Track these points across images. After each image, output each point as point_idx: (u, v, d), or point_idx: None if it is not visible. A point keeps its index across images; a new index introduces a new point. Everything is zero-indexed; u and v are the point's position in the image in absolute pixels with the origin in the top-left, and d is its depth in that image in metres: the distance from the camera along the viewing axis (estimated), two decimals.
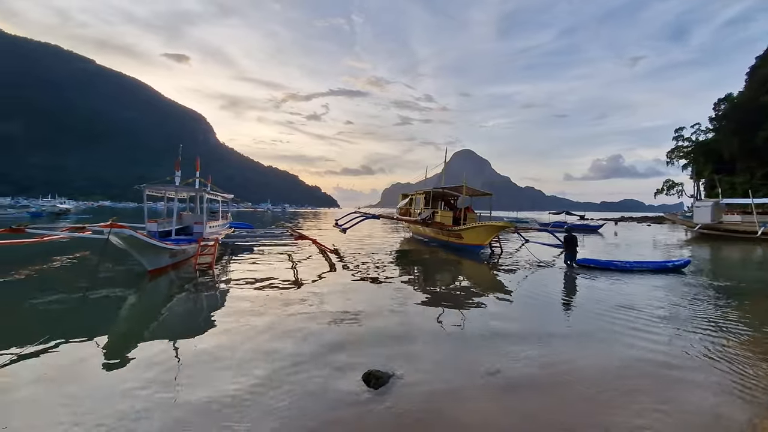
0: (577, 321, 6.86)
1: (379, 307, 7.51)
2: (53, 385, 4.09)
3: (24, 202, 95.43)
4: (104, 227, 8.86)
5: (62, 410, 3.59)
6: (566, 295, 9.03)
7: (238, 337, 5.66)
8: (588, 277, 11.24)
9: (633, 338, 5.87)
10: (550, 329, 6.30)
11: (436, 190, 21.88)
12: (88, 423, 3.41)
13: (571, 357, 5.11)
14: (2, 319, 6.49)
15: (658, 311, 7.54)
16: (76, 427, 3.34)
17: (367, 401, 3.87)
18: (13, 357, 4.70)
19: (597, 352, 5.34)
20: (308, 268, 11.93)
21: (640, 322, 6.76)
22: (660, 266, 12.88)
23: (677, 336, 6.04)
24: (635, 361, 5.01)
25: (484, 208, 23.06)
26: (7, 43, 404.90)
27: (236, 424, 3.44)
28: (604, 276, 11.51)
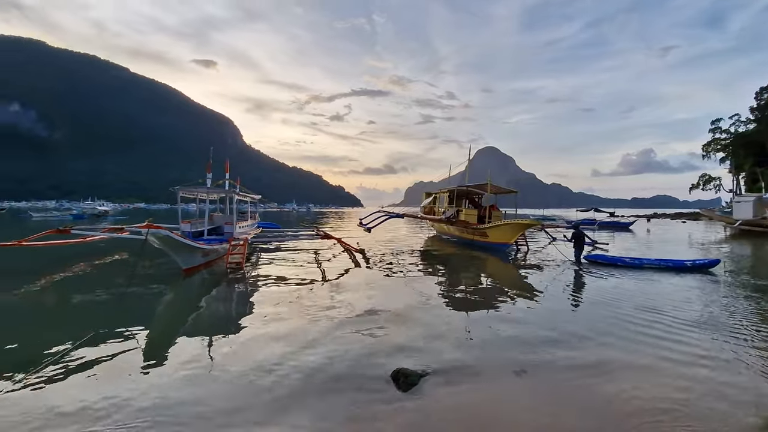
0: (604, 324, 6.62)
1: (405, 305, 7.54)
2: (99, 375, 4.35)
3: (67, 205, 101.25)
4: (142, 228, 9.32)
5: (104, 402, 3.81)
6: (594, 296, 8.74)
7: (268, 332, 5.84)
8: (615, 277, 10.88)
9: (657, 347, 5.65)
10: (578, 331, 6.12)
11: (460, 188, 21.71)
12: (128, 411, 3.60)
13: (599, 360, 4.97)
14: (53, 315, 6.98)
15: (689, 314, 7.24)
16: (116, 415, 3.55)
17: (396, 399, 3.90)
18: (64, 350, 5.03)
19: (623, 355, 5.18)
20: (334, 267, 12.11)
21: (665, 325, 6.52)
22: (678, 264, 12.31)
23: (714, 342, 5.82)
24: (663, 363, 4.87)
25: (509, 206, 22.69)
26: (50, 56, 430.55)
27: (267, 417, 3.56)
28: (627, 275, 11.18)
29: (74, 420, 3.47)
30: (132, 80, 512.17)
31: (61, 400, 3.80)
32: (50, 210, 71.63)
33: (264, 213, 54.96)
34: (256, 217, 20.79)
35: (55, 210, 72.13)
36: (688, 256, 14.70)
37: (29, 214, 49.18)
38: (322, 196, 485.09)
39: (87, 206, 70.51)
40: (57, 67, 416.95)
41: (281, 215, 69.72)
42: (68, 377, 4.32)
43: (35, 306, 7.64)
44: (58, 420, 3.48)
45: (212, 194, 14.60)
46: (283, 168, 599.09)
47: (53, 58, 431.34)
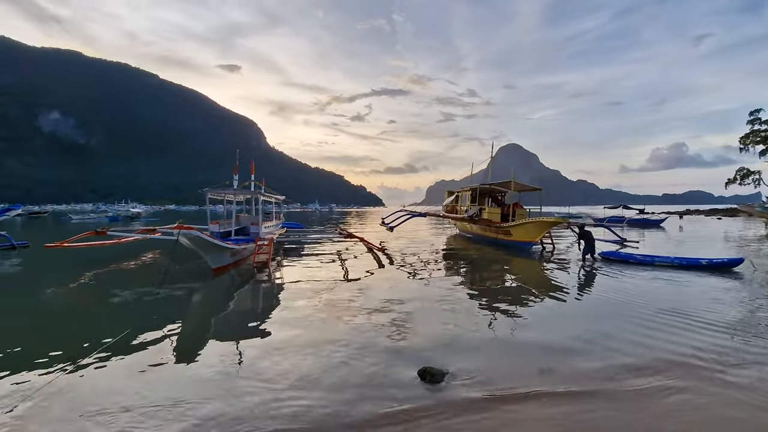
0: (632, 326, 6.36)
1: (428, 304, 7.56)
2: (135, 371, 4.58)
3: (103, 208, 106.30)
4: (173, 229, 9.72)
5: (136, 397, 4.03)
6: (622, 297, 8.39)
7: (294, 329, 5.99)
8: (639, 276, 10.49)
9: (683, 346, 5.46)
10: (607, 332, 5.94)
11: (482, 186, 21.47)
12: (164, 405, 3.78)
13: (626, 364, 4.81)
14: (92, 312, 7.38)
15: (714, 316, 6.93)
16: (152, 406, 3.74)
17: (423, 397, 3.93)
18: (102, 346, 5.32)
19: (650, 360, 5.00)
20: (357, 266, 12.23)
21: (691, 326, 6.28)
22: (692, 263, 11.91)
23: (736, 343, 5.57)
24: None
25: (533, 204, 22.27)
26: (87, 65, 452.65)
27: (296, 416, 3.65)
28: (652, 274, 10.80)
29: (111, 413, 3.68)
30: (161, 86, 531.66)
31: (98, 394, 4.04)
32: (88, 212, 75.43)
33: (287, 213, 56.03)
34: (280, 218, 21.25)
35: (93, 212, 75.91)
36: (722, 254, 14.04)
37: (69, 216, 51.96)
38: (343, 196, 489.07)
39: (121, 208, 73.84)
40: (93, 75, 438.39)
41: (304, 215, 70.85)
42: (106, 371, 4.58)
43: (76, 303, 8.10)
44: (95, 414, 3.70)
45: (239, 195, 15.04)
46: (305, 169, 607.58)
47: (89, 68, 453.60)
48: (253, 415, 3.60)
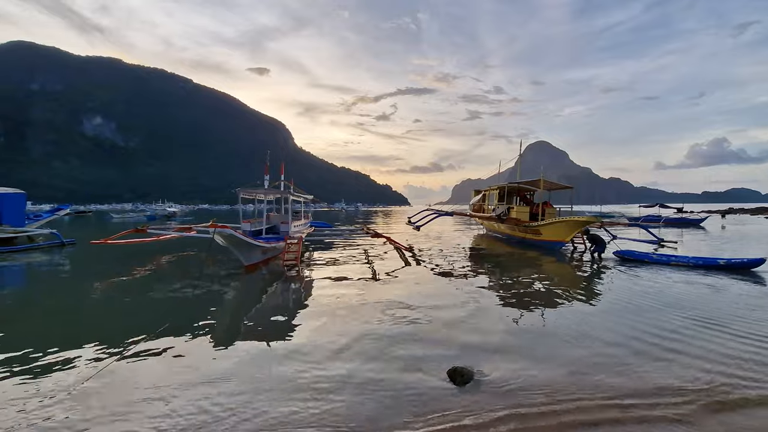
0: (666, 330, 6.11)
1: (456, 304, 7.53)
2: (176, 360, 4.82)
3: (142, 207, 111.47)
4: (208, 227, 10.14)
5: (176, 384, 4.23)
6: (654, 299, 8.04)
7: (322, 326, 6.12)
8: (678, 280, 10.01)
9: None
10: (641, 336, 5.72)
11: (510, 184, 21.12)
12: (200, 391, 3.97)
13: (660, 367, 4.64)
14: (134, 306, 7.79)
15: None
16: (181, 402, 3.96)
17: (454, 397, 3.93)
18: (146, 336, 5.64)
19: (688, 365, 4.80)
20: (384, 265, 12.31)
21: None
22: (710, 263, 11.66)
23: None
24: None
25: (563, 203, 21.71)
26: (126, 71, 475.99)
27: (322, 412, 3.73)
28: (677, 274, 10.41)
29: (155, 398, 3.90)
30: (195, 90, 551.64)
31: (144, 380, 4.29)
32: (127, 211, 79.42)
33: (315, 212, 56.97)
34: (308, 217, 21.67)
35: (132, 211, 79.86)
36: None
37: (110, 215, 54.97)
38: (369, 195, 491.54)
39: (158, 208, 77.22)
40: (132, 81, 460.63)
41: (330, 214, 71.74)
42: (151, 360, 4.85)
43: (120, 297, 8.55)
44: (138, 402, 3.93)
45: (269, 195, 15.46)
46: (331, 168, 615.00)
47: (129, 74, 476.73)
48: (282, 413, 3.70)
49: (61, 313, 7.27)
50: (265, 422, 3.50)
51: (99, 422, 3.49)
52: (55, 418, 3.54)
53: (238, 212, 13.94)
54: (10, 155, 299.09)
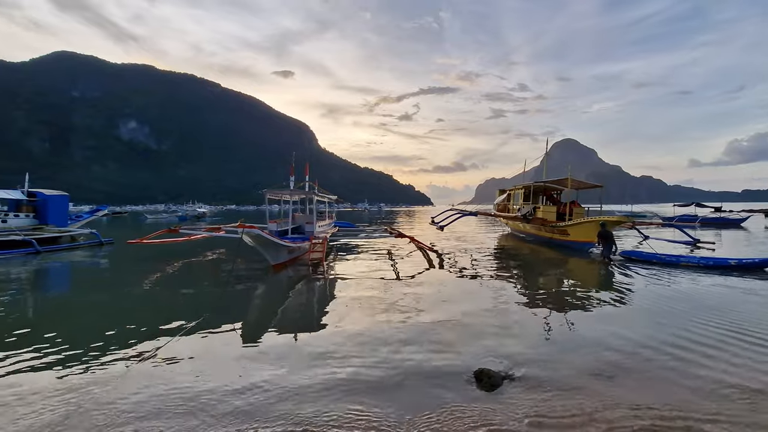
0: (697, 334, 5.82)
1: (481, 305, 7.45)
2: (210, 352, 5.01)
3: (174, 208, 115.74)
4: (237, 227, 10.47)
5: (210, 373, 4.38)
6: (689, 302, 7.69)
7: (347, 324, 6.21)
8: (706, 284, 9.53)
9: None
10: (673, 340, 5.47)
11: (536, 184, 20.69)
12: (233, 381, 4.09)
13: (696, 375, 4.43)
14: (169, 302, 8.15)
15: None
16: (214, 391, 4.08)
17: (480, 399, 3.88)
18: (182, 330, 5.89)
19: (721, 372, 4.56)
20: (408, 265, 12.33)
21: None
22: (720, 263, 11.40)
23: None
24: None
25: (591, 202, 21.10)
26: (159, 77, 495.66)
27: (346, 409, 3.77)
28: (711, 279, 9.76)
29: (191, 389, 4.07)
30: (223, 94, 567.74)
31: (182, 371, 4.48)
32: (160, 212, 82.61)
33: (338, 213, 57.57)
34: (332, 217, 21.95)
35: (164, 212, 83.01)
36: None
37: (144, 216, 57.47)
38: (392, 195, 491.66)
39: (189, 209, 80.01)
40: (164, 86, 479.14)
41: (354, 214, 72.26)
42: (187, 352, 5.05)
43: (155, 293, 8.99)
44: (176, 391, 4.09)
45: (294, 195, 15.80)
46: (354, 169, 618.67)
47: (161, 79, 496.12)
48: (309, 408, 3.77)
49: (103, 309, 7.70)
50: (292, 412, 3.59)
51: (144, 407, 3.68)
52: (105, 402, 3.76)
53: (264, 213, 14.31)
54: (55, 159, 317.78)
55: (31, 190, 20.83)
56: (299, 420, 3.54)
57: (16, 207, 20.16)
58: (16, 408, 3.76)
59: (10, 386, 4.22)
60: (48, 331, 6.03)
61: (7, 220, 18.81)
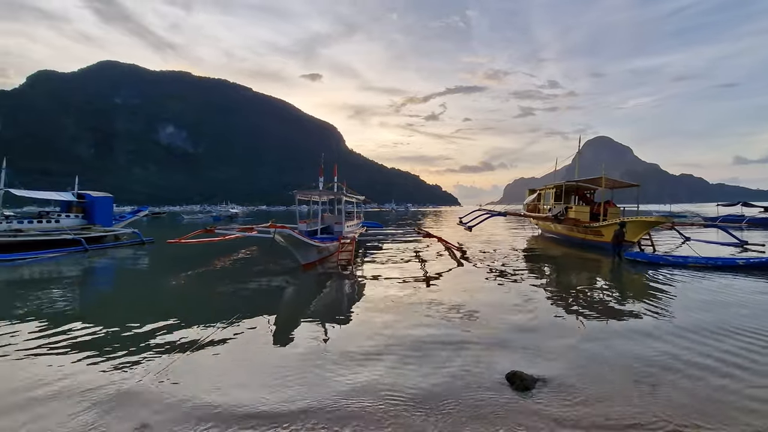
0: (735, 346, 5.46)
1: (510, 307, 7.34)
2: (246, 348, 5.23)
3: (208, 209, 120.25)
4: (268, 227, 10.80)
5: (245, 368, 4.60)
6: (739, 307, 7.22)
7: (376, 323, 6.30)
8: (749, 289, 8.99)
9: None
10: (709, 351, 5.13)
11: (568, 183, 20.09)
12: (267, 376, 4.25)
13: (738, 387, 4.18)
14: (207, 299, 8.53)
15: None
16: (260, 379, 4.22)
17: (513, 401, 3.85)
18: (220, 327, 6.16)
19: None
20: (435, 265, 12.29)
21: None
22: (729, 263, 11.41)
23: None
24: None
25: (626, 201, 20.30)
26: (194, 83, 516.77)
27: (378, 408, 3.82)
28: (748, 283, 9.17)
29: (230, 384, 4.26)
30: (254, 98, 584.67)
31: (221, 366, 4.72)
32: (196, 213, 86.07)
33: (365, 213, 58.00)
34: (360, 217, 22.17)
35: (200, 213, 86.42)
36: None
37: (181, 216, 60.14)
38: (419, 195, 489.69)
39: (222, 209, 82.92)
40: (199, 92, 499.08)
41: (381, 214, 72.59)
42: (226, 348, 5.30)
43: (194, 291, 9.43)
44: (220, 381, 4.31)
45: (323, 196, 16.11)
46: (381, 169, 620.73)
47: (197, 85, 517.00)
48: (342, 406, 3.85)
49: (146, 304, 8.17)
50: (326, 410, 3.69)
51: (185, 397, 3.89)
52: (149, 391, 4.01)
53: (293, 213, 14.67)
54: (99, 163, 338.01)
55: (80, 192, 22.28)
56: (334, 417, 3.63)
57: (67, 208, 21.64)
58: (63, 400, 4.07)
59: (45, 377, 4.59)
60: (94, 324, 6.48)
61: (59, 220, 20.21)
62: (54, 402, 3.91)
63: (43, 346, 5.48)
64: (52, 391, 4.15)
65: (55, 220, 19.97)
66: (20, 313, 7.27)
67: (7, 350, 5.33)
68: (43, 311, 7.39)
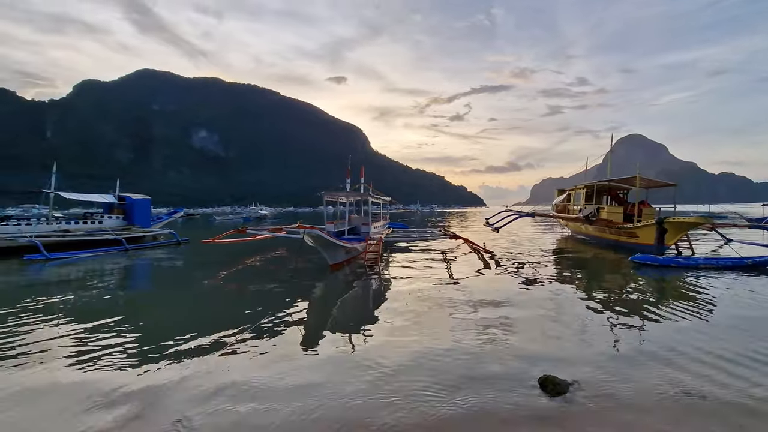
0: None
1: (539, 310, 7.18)
2: (277, 347, 5.37)
3: (238, 210, 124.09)
4: (297, 228, 11.07)
5: (279, 366, 4.73)
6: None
7: (403, 324, 6.33)
8: None
9: None
10: (750, 362, 4.82)
11: (600, 183, 19.46)
12: (292, 377, 4.36)
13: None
14: (239, 298, 8.85)
15: None
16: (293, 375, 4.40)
17: (547, 406, 3.78)
18: (253, 325, 6.36)
19: None
20: (462, 266, 12.20)
21: None
22: (738, 263, 11.38)
23: None
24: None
25: (661, 202, 19.44)
26: (226, 88, 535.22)
27: (407, 410, 3.84)
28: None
29: (262, 381, 4.41)
30: (282, 102, 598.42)
31: (256, 364, 4.88)
32: (227, 214, 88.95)
33: (391, 214, 58.12)
34: (386, 218, 22.29)
35: (231, 214, 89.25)
36: None
37: (214, 218, 62.37)
38: (444, 196, 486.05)
39: (251, 210, 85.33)
40: (230, 97, 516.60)
41: (405, 215, 72.52)
42: (258, 346, 5.47)
43: (227, 290, 9.77)
44: (254, 378, 4.47)
45: (350, 197, 16.35)
46: (406, 170, 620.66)
47: (227, 91, 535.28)
48: (367, 405, 3.91)
49: (183, 302, 8.58)
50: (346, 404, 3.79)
51: (224, 393, 4.08)
52: (187, 390, 4.21)
53: (320, 214, 14.96)
54: (138, 167, 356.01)
55: (121, 195, 23.55)
56: (368, 424, 3.70)
57: (109, 209, 22.94)
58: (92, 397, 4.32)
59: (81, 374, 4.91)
60: (134, 320, 6.87)
61: (102, 221, 21.45)
62: (97, 394, 4.13)
63: (84, 340, 5.83)
64: (94, 381, 4.43)
65: (98, 221, 21.21)
66: (68, 308, 7.79)
67: (52, 343, 5.71)
68: (86, 307, 7.88)
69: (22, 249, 15.27)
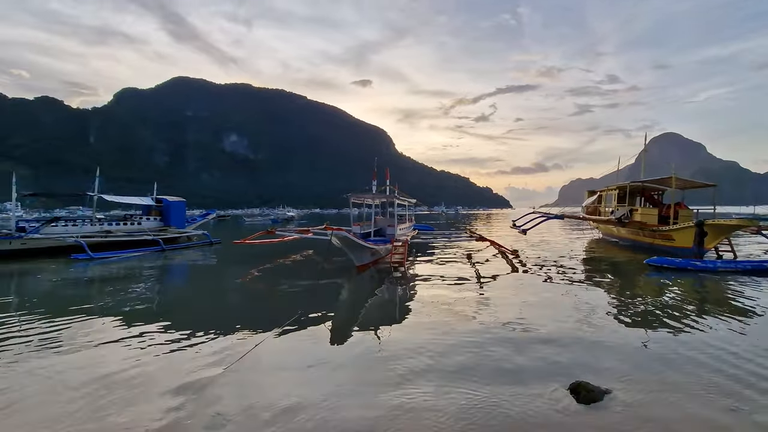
0: None
1: (569, 314, 7.02)
2: (307, 345, 5.52)
3: (267, 212, 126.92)
4: (324, 229, 11.33)
5: (308, 363, 4.84)
6: None
7: (429, 326, 6.35)
8: None
9: None
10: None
11: (633, 184, 18.79)
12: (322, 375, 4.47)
13: None
14: (269, 298, 9.14)
15: None
16: (311, 370, 4.52)
17: (580, 413, 3.70)
18: (282, 325, 6.49)
19: None
20: (489, 269, 12.09)
21: None
22: (758, 266, 11.21)
23: None
24: None
25: (698, 203, 18.57)
26: (254, 94, 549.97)
27: (431, 412, 3.86)
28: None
29: (295, 378, 4.58)
30: (308, 106, 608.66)
31: (286, 361, 5.06)
32: (256, 216, 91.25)
33: (416, 216, 58.03)
34: (412, 220, 22.35)
35: (259, 216, 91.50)
36: None
37: (243, 219, 64.25)
38: (469, 198, 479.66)
39: (279, 212, 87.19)
40: (259, 102, 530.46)
41: (430, 217, 72.16)
42: (289, 345, 5.67)
43: (257, 290, 10.11)
44: (284, 377, 4.65)
45: (376, 199, 16.54)
46: (431, 172, 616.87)
47: (256, 96, 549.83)
48: (393, 405, 3.95)
49: (217, 300, 8.94)
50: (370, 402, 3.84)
51: (257, 389, 4.26)
52: (224, 385, 4.40)
53: (345, 216, 15.19)
54: (173, 171, 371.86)
55: (158, 197, 24.72)
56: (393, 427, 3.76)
57: (147, 211, 24.12)
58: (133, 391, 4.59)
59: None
60: (172, 317, 7.22)
61: (141, 222, 22.60)
62: (137, 388, 4.35)
63: (125, 336, 6.12)
64: (134, 376, 4.67)
65: (137, 223, 22.36)
66: (110, 305, 8.22)
67: (95, 337, 6.04)
68: (126, 304, 8.25)
69: (69, 248, 16.33)
